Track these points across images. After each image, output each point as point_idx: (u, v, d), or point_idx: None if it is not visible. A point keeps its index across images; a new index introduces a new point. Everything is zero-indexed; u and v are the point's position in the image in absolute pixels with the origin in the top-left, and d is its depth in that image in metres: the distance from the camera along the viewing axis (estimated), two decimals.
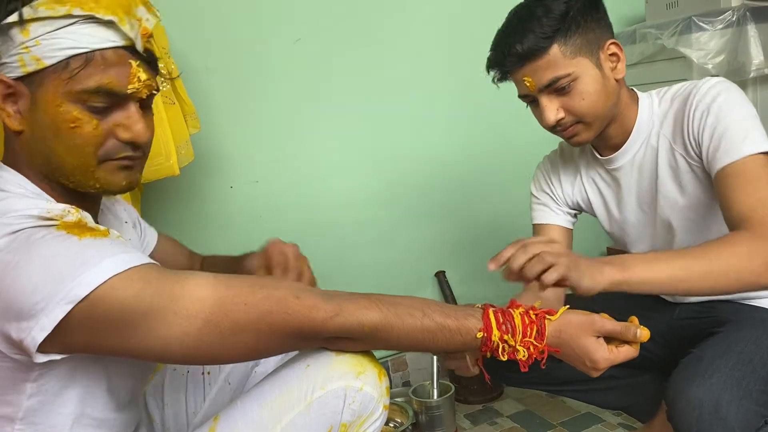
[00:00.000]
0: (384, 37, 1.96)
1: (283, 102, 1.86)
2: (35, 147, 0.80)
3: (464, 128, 2.10)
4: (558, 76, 1.10)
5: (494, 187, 2.15)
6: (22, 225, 0.73)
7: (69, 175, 0.81)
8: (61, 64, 0.76)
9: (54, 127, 0.78)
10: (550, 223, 1.35)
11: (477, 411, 1.87)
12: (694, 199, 1.16)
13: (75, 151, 0.80)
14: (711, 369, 0.97)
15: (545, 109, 1.13)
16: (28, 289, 0.69)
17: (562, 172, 1.35)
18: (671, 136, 1.16)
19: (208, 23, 1.76)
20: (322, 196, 1.95)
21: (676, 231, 1.22)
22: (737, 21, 1.75)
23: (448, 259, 2.13)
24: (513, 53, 1.11)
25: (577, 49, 1.10)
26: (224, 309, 0.75)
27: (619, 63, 1.14)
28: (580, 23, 1.10)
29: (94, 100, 0.78)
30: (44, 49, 0.75)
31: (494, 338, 0.86)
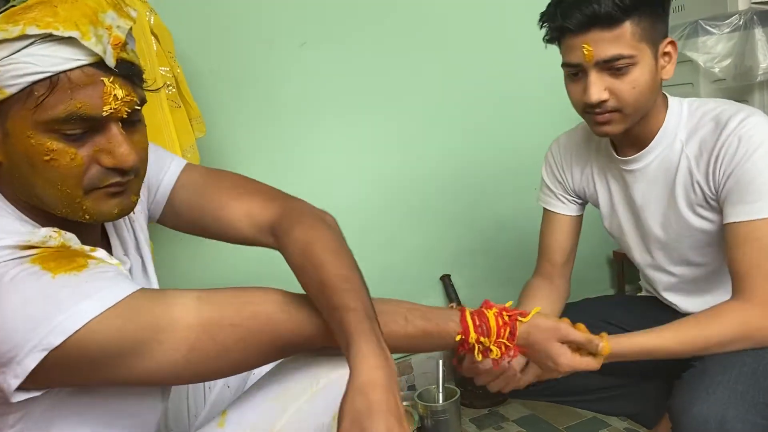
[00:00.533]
0: (390, 41, 1.96)
1: (288, 105, 1.87)
2: (16, 178, 0.73)
3: (469, 133, 2.09)
4: (621, 54, 1.04)
5: (499, 191, 2.15)
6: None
7: (54, 207, 0.74)
8: (24, 92, 0.67)
9: (29, 161, 0.70)
10: (559, 213, 1.36)
11: (483, 415, 1.86)
12: (703, 226, 1.15)
13: (55, 184, 0.71)
14: (714, 384, 0.97)
15: (592, 85, 1.07)
16: (0, 337, 0.64)
17: (574, 159, 1.32)
18: (695, 160, 1.12)
19: (214, 27, 1.76)
20: (327, 200, 1.93)
21: (670, 246, 1.22)
22: (744, 25, 1.74)
23: (453, 263, 2.13)
24: (585, 12, 1.03)
25: (645, 35, 1.05)
26: (210, 333, 0.73)
27: (669, 64, 1.11)
28: (654, 9, 1.05)
29: (67, 128, 0.70)
30: (3, 76, 0.66)
31: (471, 340, 0.92)
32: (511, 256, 2.11)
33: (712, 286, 1.22)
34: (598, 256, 2.38)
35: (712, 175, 1.09)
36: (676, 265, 1.24)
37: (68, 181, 0.72)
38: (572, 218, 1.35)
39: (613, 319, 1.34)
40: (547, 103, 2.16)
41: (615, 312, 1.36)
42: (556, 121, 2.05)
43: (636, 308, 1.37)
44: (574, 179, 1.33)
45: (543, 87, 2.13)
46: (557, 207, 1.35)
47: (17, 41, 0.65)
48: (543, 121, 2.15)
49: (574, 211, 1.35)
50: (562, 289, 1.36)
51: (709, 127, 1.10)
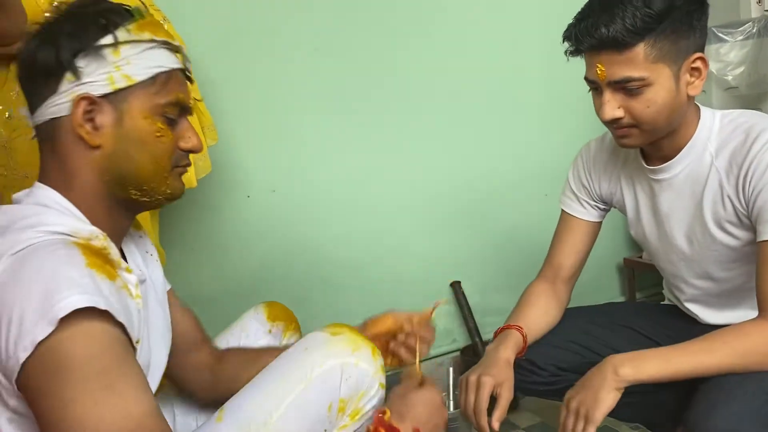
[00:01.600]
0: (403, 49, 1.97)
1: (300, 111, 1.87)
2: (113, 161, 0.84)
3: (481, 141, 2.09)
4: (631, 77, 1.02)
5: (510, 199, 2.15)
6: (41, 239, 0.74)
7: (144, 182, 0.86)
8: (149, 80, 0.83)
9: (141, 138, 0.84)
10: (578, 217, 1.33)
11: None
12: (729, 242, 1.14)
13: (157, 159, 0.86)
14: (730, 398, 0.95)
15: (605, 104, 1.06)
16: (22, 307, 0.69)
17: (603, 166, 1.30)
18: (725, 173, 1.10)
19: (226, 35, 1.77)
20: (338, 205, 1.95)
21: (693, 259, 1.21)
22: (758, 32, 1.73)
23: (464, 270, 2.13)
24: (594, 35, 1.02)
25: (664, 54, 1.02)
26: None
27: (698, 80, 1.07)
28: (676, 28, 1.01)
29: (170, 112, 0.86)
30: (135, 67, 0.82)
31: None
32: (521, 263, 2.11)
33: (736, 302, 1.20)
34: (609, 263, 2.37)
35: (742, 189, 1.07)
36: (698, 278, 1.23)
37: (164, 157, 0.86)
38: (590, 224, 1.33)
39: (634, 325, 1.33)
40: (558, 114, 2.16)
41: (636, 319, 1.34)
42: (567, 131, 2.06)
43: (658, 317, 1.35)
44: (601, 185, 1.31)
45: (554, 98, 2.14)
46: (577, 211, 1.33)
47: (146, 43, 0.84)
48: (554, 131, 2.16)
49: (595, 217, 1.33)
50: (562, 298, 1.33)
51: (739, 140, 1.08)
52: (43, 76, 0.82)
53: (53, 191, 0.83)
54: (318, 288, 1.95)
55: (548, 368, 1.28)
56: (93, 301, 0.70)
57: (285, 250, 1.90)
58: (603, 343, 1.29)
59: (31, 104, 0.85)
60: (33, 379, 0.69)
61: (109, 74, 0.81)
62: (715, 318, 1.24)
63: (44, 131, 0.84)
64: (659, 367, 1.02)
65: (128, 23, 0.83)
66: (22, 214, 0.80)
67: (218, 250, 1.81)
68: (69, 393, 0.68)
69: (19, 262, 0.72)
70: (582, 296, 1.73)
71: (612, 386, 1.03)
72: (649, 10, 0.99)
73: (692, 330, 1.16)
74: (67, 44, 0.80)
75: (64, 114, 0.81)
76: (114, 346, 0.72)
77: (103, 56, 0.81)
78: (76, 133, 0.81)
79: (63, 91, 0.81)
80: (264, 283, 1.86)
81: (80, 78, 0.80)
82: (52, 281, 0.70)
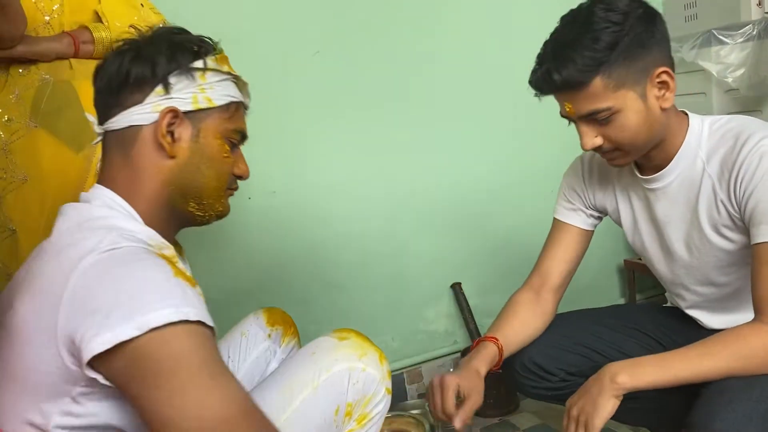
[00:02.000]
0: (403, 51, 1.97)
1: (302, 113, 1.88)
2: (183, 172, 0.91)
3: (481, 142, 2.10)
4: (597, 109, 1.05)
5: (510, 201, 2.15)
6: (128, 243, 0.79)
7: (205, 197, 0.93)
8: (224, 106, 0.93)
9: (211, 156, 0.92)
10: (570, 224, 1.33)
11: (494, 424, 1.86)
12: (726, 246, 1.15)
13: (220, 177, 0.94)
14: (735, 402, 0.95)
15: (583, 135, 1.09)
16: (110, 302, 0.73)
17: (598, 176, 1.31)
18: (717, 179, 1.11)
19: (227, 37, 1.77)
20: (339, 207, 1.96)
21: (693, 265, 1.21)
22: (758, 34, 1.73)
23: (464, 271, 2.13)
24: (550, 82, 1.05)
25: (622, 82, 1.03)
26: (250, 417, 0.76)
27: (667, 92, 1.08)
28: (629, 53, 1.02)
29: (234, 138, 0.96)
30: (215, 93, 0.92)
31: None
32: (521, 265, 2.10)
33: (736, 305, 1.21)
34: (609, 265, 2.38)
35: (733, 193, 1.07)
36: (700, 285, 1.23)
37: (225, 176, 0.95)
38: (582, 232, 1.33)
39: (643, 328, 1.32)
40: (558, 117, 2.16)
41: (645, 321, 1.34)
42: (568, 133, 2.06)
43: (664, 319, 1.35)
44: (596, 195, 1.31)
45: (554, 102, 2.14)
46: (570, 218, 1.33)
47: (225, 74, 0.94)
48: (555, 133, 2.15)
49: (587, 225, 1.33)
50: (547, 309, 1.31)
51: (729, 145, 1.08)
52: (134, 87, 0.88)
53: (116, 195, 0.88)
54: (319, 289, 1.95)
55: (558, 373, 1.27)
56: (184, 314, 0.73)
57: (286, 251, 1.91)
58: (612, 346, 1.28)
59: (106, 112, 0.91)
60: (120, 371, 0.73)
61: (194, 94, 0.90)
62: (718, 322, 1.24)
63: (118, 137, 0.90)
64: (657, 374, 1.03)
65: (213, 54, 0.94)
66: (93, 214, 0.85)
67: (219, 251, 1.81)
68: (176, 384, 0.72)
69: (110, 260, 0.76)
70: (582, 298, 1.73)
71: (610, 394, 1.04)
72: (598, 45, 1.01)
73: (698, 335, 1.16)
74: (164, 62, 0.89)
75: (146, 123, 0.88)
76: (207, 342, 0.76)
77: (192, 77, 0.90)
78: (158, 141, 0.88)
79: (150, 103, 0.88)
80: (265, 285, 1.87)
81: (169, 93, 0.89)
82: (144, 288, 0.74)
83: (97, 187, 0.90)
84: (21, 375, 0.78)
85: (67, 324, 0.74)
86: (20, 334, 0.78)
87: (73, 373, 0.75)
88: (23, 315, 0.78)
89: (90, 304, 0.73)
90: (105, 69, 0.91)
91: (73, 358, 0.75)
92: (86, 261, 0.76)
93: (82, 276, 0.75)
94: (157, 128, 0.88)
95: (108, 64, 0.90)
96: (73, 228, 0.83)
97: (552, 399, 1.33)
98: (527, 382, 1.29)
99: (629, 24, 1.02)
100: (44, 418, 0.77)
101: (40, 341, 0.75)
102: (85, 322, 0.73)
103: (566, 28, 1.06)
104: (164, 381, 0.72)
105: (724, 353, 1.01)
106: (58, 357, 0.75)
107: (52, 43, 1.30)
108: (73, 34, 1.32)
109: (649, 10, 1.06)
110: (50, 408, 0.77)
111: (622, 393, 1.04)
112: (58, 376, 0.76)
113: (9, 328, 0.79)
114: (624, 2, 1.03)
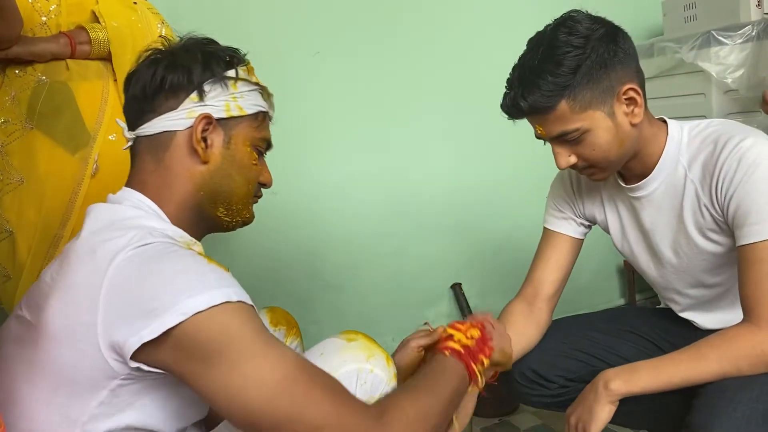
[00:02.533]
0: (403, 52, 1.98)
1: (302, 114, 1.88)
2: (214, 177, 0.93)
3: (481, 143, 2.11)
4: (566, 131, 1.07)
5: (509, 202, 2.16)
6: (160, 239, 0.82)
7: (234, 203, 0.96)
8: (253, 115, 0.96)
9: (241, 163, 0.95)
10: (561, 233, 1.34)
11: (494, 425, 1.86)
12: (714, 249, 1.15)
13: (248, 184, 0.97)
14: (734, 402, 0.95)
15: (557, 155, 1.12)
16: (150, 294, 0.75)
17: (585, 186, 1.32)
18: (700, 184, 1.12)
19: (226, 38, 1.77)
20: (340, 208, 1.96)
21: (683, 269, 1.21)
22: (757, 35, 1.73)
23: (464, 272, 2.13)
24: (517, 108, 1.08)
25: (587, 104, 1.05)
26: (306, 370, 0.79)
27: (636, 107, 1.09)
28: (592, 75, 1.04)
29: (260, 146, 0.98)
30: (246, 102, 0.95)
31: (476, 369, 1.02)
32: (521, 265, 2.11)
33: (729, 304, 1.21)
34: (608, 267, 2.38)
35: (716, 197, 1.09)
36: (691, 287, 1.24)
37: (253, 182, 0.98)
38: (572, 240, 1.33)
39: (638, 331, 1.33)
40: None
41: (640, 324, 1.35)
42: None
43: (660, 322, 1.35)
44: (584, 204, 1.32)
45: None
46: (561, 227, 1.33)
47: (254, 85, 0.97)
48: None
49: (577, 234, 1.34)
50: (541, 318, 1.30)
51: (708, 150, 1.10)
52: (169, 93, 0.91)
53: (146, 197, 0.90)
54: (319, 289, 1.95)
55: (557, 380, 1.28)
56: (225, 295, 0.77)
57: (286, 252, 1.91)
58: (609, 350, 1.29)
59: (139, 117, 0.92)
60: (169, 359, 0.76)
61: (226, 102, 0.93)
62: (712, 322, 1.24)
63: (152, 141, 0.92)
64: (650, 379, 1.04)
65: (243, 65, 0.97)
66: (125, 214, 0.88)
67: (220, 252, 1.81)
68: (232, 358, 0.75)
69: (144, 255, 0.78)
70: (583, 299, 1.73)
71: (605, 401, 1.06)
72: (561, 70, 1.03)
73: (694, 335, 1.17)
74: (199, 70, 0.91)
75: (180, 129, 0.91)
76: (252, 317, 0.79)
77: (225, 86, 0.93)
78: (192, 146, 0.91)
79: (184, 109, 0.91)
80: (266, 285, 1.87)
81: (203, 100, 0.91)
82: (182, 276, 0.77)
83: (125, 189, 0.92)
84: (56, 371, 0.79)
85: (106, 321, 0.76)
86: (55, 333, 0.79)
87: (114, 367, 0.77)
88: (56, 313, 0.79)
89: (129, 298, 0.76)
90: (139, 76, 0.92)
91: (114, 354, 0.77)
92: (120, 258, 0.78)
93: (118, 273, 0.77)
94: (191, 134, 0.90)
95: (142, 72, 0.92)
96: (104, 228, 0.84)
97: (553, 406, 1.33)
98: (528, 391, 1.30)
99: (590, 46, 1.04)
100: (80, 412, 0.80)
101: (77, 338, 0.77)
102: (126, 317, 0.75)
103: (531, 53, 1.08)
104: (219, 359, 0.75)
105: (715, 356, 1.02)
106: (97, 353, 0.77)
107: (48, 44, 1.30)
108: (69, 35, 1.32)
109: (610, 29, 1.07)
110: (87, 401, 0.79)
111: (617, 399, 1.06)
112: (97, 370, 0.78)
113: (41, 326, 0.81)
114: (585, 24, 1.05)
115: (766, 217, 1.01)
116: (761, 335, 1.00)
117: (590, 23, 1.06)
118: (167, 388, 0.84)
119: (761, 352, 1.00)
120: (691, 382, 1.03)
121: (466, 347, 1.03)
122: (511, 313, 1.31)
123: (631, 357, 1.25)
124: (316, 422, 0.76)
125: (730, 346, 1.02)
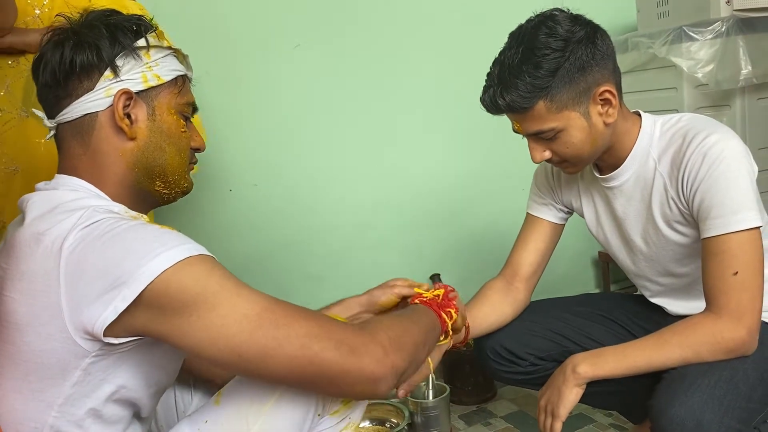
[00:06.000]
0: (385, 44, 1.99)
1: (283, 106, 1.89)
2: (145, 152, 0.92)
3: (461, 134, 2.13)
4: (542, 130, 1.11)
5: (488, 195, 2.19)
6: (106, 215, 0.81)
7: (170, 175, 0.95)
8: (173, 81, 0.94)
9: (169, 133, 0.93)
10: (541, 218, 1.39)
11: (471, 412, 1.90)
12: (681, 240, 1.19)
13: (181, 153, 0.95)
14: (693, 387, 0.99)
15: (532, 150, 1.16)
16: (112, 265, 0.76)
17: (564, 175, 1.36)
18: (668, 177, 1.16)
19: (209, 30, 1.78)
20: (321, 200, 1.97)
21: (653, 258, 1.26)
22: (726, 31, 1.78)
23: (443, 263, 2.16)
24: (495, 105, 1.11)
25: (564, 104, 1.08)
26: (280, 303, 0.82)
27: (610, 108, 1.12)
28: (570, 78, 1.07)
29: (186, 111, 0.97)
30: (163, 69, 0.93)
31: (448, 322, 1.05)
32: (499, 255, 2.14)
33: (698, 292, 1.25)
34: (584, 257, 2.43)
35: (682, 191, 1.13)
36: (660, 276, 1.28)
37: (186, 150, 0.97)
38: (552, 225, 1.38)
39: (611, 316, 1.37)
40: None
41: (613, 309, 1.39)
42: None
43: (633, 307, 1.40)
44: (563, 192, 1.37)
45: None
46: (542, 212, 1.38)
47: (166, 49, 0.94)
48: None
49: (557, 219, 1.39)
50: (519, 297, 1.36)
51: (677, 144, 1.14)
52: (82, 75, 0.88)
53: (84, 181, 0.89)
54: (300, 280, 1.97)
55: (527, 358, 1.32)
56: (186, 250, 0.78)
57: (267, 243, 1.92)
58: (581, 332, 1.33)
59: (56, 104, 0.90)
60: (145, 321, 0.77)
61: (143, 73, 0.90)
62: (682, 308, 1.29)
63: (75, 127, 0.89)
64: (616, 364, 1.10)
65: (152, 31, 0.93)
66: (66, 197, 0.85)
67: (199, 243, 1.82)
68: (208, 303, 0.77)
69: (95, 232, 0.78)
70: (558, 288, 1.77)
71: (573, 383, 1.12)
72: (539, 72, 1.06)
73: (664, 321, 1.21)
74: (107, 45, 0.88)
75: (101, 109, 0.88)
76: (216, 264, 0.82)
77: (138, 57, 0.90)
78: (116, 125, 0.89)
79: (101, 88, 0.88)
80: (246, 276, 1.84)
81: (118, 75, 0.88)
82: (139, 243, 0.77)
83: (59, 176, 0.90)
84: (24, 359, 0.80)
85: (71, 302, 0.76)
86: (17, 322, 0.79)
87: (84, 346, 0.78)
88: (15, 303, 0.79)
89: (91, 275, 0.76)
90: (46, 61, 0.89)
91: (83, 333, 0.77)
92: (71, 238, 0.78)
93: (72, 253, 0.77)
94: (113, 112, 0.88)
95: (48, 56, 0.89)
96: (47, 212, 0.83)
97: (523, 384, 1.38)
98: (498, 366, 1.34)
99: (570, 49, 1.06)
100: (54, 395, 0.80)
101: (41, 324, 0.78)
102: (92, 294, 0.76)
103: (512, 51, 1.10)
104: (195, 307, 0.76)
105: (677, 342, 1.07)
106: (65, 335, 0.77)
107: (41, 34, 1.31)
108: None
109: (589, 30, 1.09)
110: (60, 383, 0.80)
111: (584, 382, 1.12)
112: (67, 352, 0.78)
113: (2, 317, 0.81)
114: (565, 27, 1.07)
115: (728, 212, 1.05)
116: (721, 323, 1.05)
117: (570, 25, 1.08)
118: (137, 355, 0.85)
119: (721, 339, 1.04)
120: (654, 367, 1.08)
121: (434, 299, 1.08)
122: (488, 288, 1.37)
123: (602, 340, 1.30)
124: (303, 340, 0.78)
125: (691, 333, 1.07)
